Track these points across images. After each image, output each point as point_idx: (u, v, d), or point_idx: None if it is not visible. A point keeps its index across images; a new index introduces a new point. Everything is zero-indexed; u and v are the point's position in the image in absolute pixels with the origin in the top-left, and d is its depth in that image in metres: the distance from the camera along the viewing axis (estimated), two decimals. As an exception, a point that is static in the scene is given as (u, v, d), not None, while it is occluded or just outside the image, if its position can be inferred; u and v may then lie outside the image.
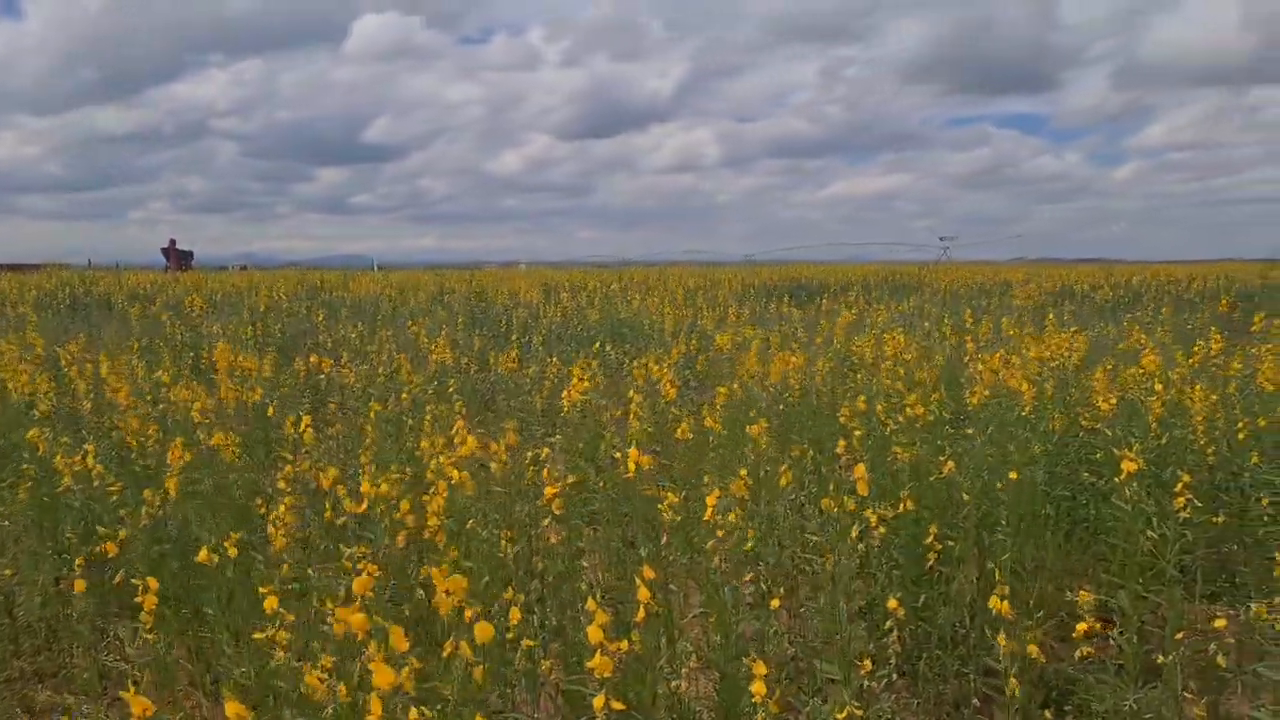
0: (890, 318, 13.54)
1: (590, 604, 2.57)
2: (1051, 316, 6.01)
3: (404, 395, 6.36)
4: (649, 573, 2.80)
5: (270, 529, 3.70)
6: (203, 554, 3.45)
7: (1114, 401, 4.87)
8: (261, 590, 2.89)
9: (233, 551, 3.63)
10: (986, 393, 5.35)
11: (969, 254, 73.58)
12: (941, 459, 4.34)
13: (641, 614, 2.77)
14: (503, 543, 3.63)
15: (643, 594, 2.77)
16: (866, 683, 3.19)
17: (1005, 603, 2.91)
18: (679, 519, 3.96)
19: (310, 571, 3.73)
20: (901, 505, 3.69)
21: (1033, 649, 3.09)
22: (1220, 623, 2.99)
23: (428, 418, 5.50)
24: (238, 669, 3.43)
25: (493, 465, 4.40)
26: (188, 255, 40.67)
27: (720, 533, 3.54)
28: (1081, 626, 2.94)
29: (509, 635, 3.11)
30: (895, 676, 3.32)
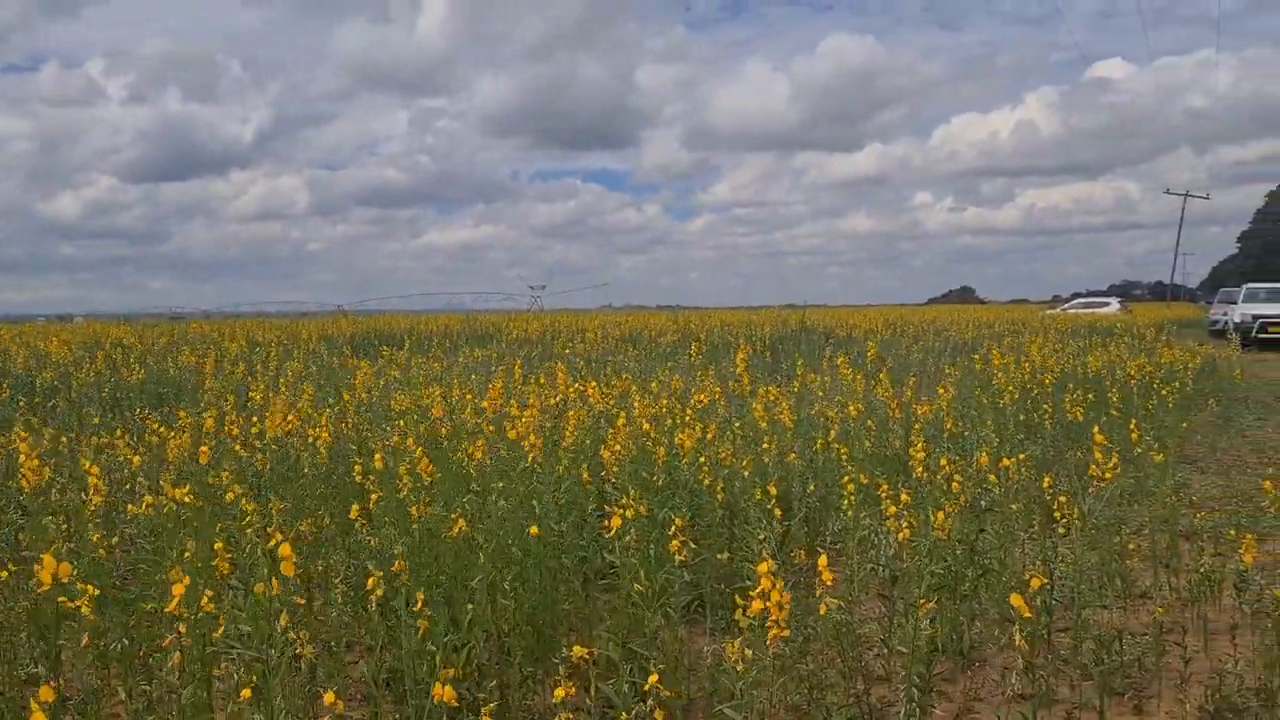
0: (456, 367, 13.47)
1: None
2: (561, 365, 6.11)
3: None
4: (46, 694, 2.35)
5: None
6: None
7: (618, 448, 4.99)
8: None
9: None
10: (505, 447, 5.28)
11: (560, 302, 76.33)
12: (453, 517, 4.19)
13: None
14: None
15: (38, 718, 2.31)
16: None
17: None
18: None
19: None
20: (389, 571, 3.45)
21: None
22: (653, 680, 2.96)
23: None
24: None
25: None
26: None
27: (181, 628, 3.11)
28: (559, 693, 2.85)
29: None
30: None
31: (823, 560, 3.37)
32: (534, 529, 4.39)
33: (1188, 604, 5.16)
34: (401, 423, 6.20)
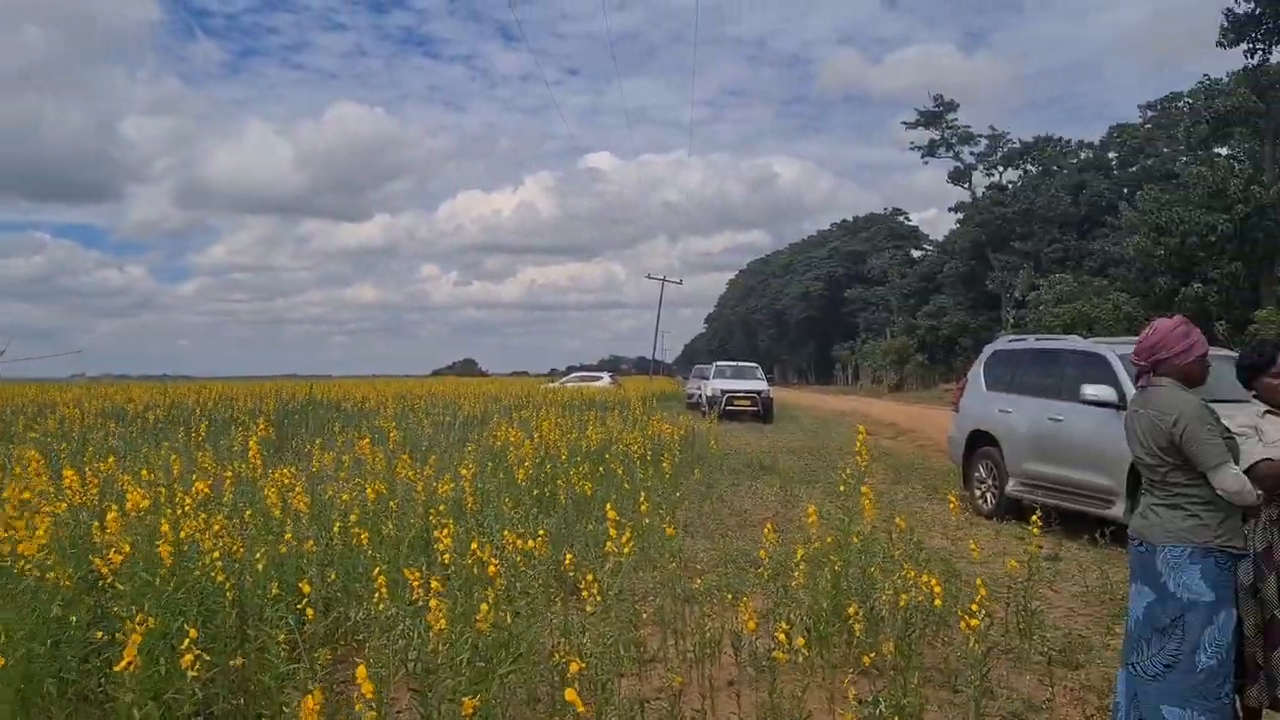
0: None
1: None
2: (35, 454, 5.15)
3: None
4: None
5: None
6: None
7: (127, 549, 4.38)
8: None
9: None
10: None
11: (21, 371, 66.54)
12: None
13: None
14: None
15: None
16: None
17: None
18: None
19: None
20: None
21: None
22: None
23: None
24: None
25: None
26: None
27: None
28: None
29: None
30: None
31: (361, 670, 3.17)
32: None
33: (693, 665, 5.55)
34: None
